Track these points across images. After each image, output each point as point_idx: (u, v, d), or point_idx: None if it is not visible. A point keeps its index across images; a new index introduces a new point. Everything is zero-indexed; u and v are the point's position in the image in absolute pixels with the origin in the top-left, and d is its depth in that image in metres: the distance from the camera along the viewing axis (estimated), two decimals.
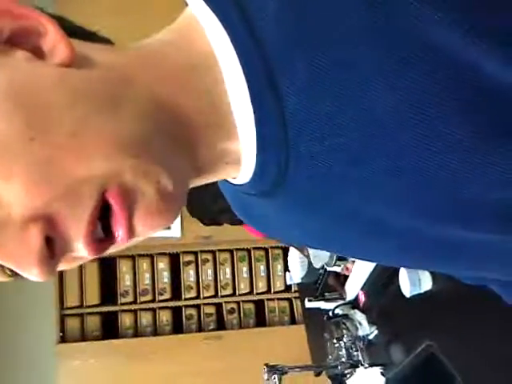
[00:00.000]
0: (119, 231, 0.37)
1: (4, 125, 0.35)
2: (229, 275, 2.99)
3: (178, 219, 2.83)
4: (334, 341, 1.55)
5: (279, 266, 2.99)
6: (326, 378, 1.61)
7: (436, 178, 0.39)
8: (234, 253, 3.00)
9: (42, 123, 0.35)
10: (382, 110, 0.37)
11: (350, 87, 0.37)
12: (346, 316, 1.66)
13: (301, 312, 2.85)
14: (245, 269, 3.00)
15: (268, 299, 3.01)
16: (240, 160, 0.45)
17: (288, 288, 2.97)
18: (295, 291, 2.90)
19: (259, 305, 3.02)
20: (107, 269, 2.87)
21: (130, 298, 2.87)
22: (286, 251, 2.55)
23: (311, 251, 1.61)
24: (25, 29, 0.39)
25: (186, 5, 0.45)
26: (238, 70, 0.40)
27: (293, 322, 3.00)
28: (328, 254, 1.46)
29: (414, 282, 1.27)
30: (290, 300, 3.02)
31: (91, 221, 0.36)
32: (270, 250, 3.01)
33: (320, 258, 1.52)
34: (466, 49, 0.34)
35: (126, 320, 2.87)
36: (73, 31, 0.41)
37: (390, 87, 0.36)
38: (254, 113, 0.41)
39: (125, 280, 2.88)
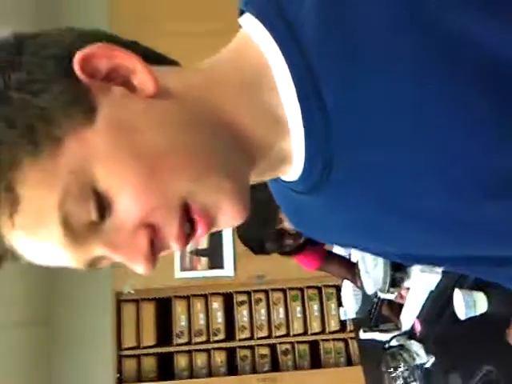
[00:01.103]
0: (199, 227, 0.47)
1: (118, 147, 0.45)
2: (282, 315, 2.97)
3: (231, 259, 2.87)
4: (391, 371, 1.52)
5: (333, 305, 2.95)
6: None
7: (466, 150, 0.42)
8: (287, 292, 2.99)
9: (142, 145, 0.45)
10: (416, 98, 0.42)
11: (379, 81, 0.42)
12: (402, 347, 1.62)
13: (357, 352, 2.79)
14: (298, 308, 2.97)
15: (323, 340, 2.96)
16: (292, 158, 0.51)
17: (343, 328, 2.92)
18: (350, 331, 2.84)
19: (314, 346, 2.97)
20: (163, 310, 2.92)
21: (185, 339, 2.89)
22: (339, 289, 2.53)
23: (364, 278, 1.61)
24: (118, 66, 0.47)
25: (240, 26, 0.51)
26: (289, 80, 0.46)
27: (349, 363, 2.92)
28: (381, 276, 1.45)
29: (468, 305, 1.25)
30: (345, 340, 2.96)
31: (179, 223, 0.46)
32: (323, 289, 2.98)
33: (373, 283, 1.51)
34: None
35: (181, 361, 2.89)
36: (145, 55, 0.48)
37: (420, 79, 0.41)
38: (302, 113, 0.47)
39: (180, 320, 2.91)
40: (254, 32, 0.48)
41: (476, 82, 0.40)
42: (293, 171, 0.52)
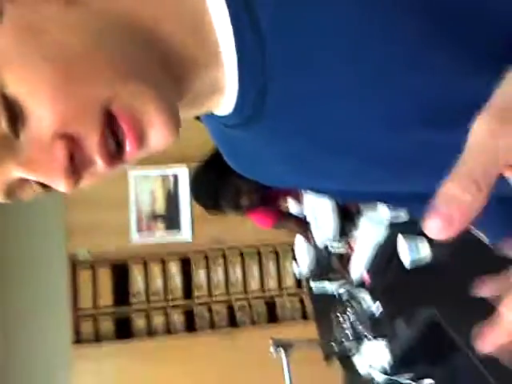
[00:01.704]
0: (127, 141, 0.42)
1: (28, 49, 0.41)
2: (239, 275, 3.02)
3: (189, 222, 2.88)
4: (340, 318, 1.58)
5: (288, 263, 3.02)
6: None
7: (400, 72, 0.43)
8: (244, 253, 3.04)
9: (52, 48, 0.41)
10: (353, 21, 0.42)
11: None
12: (351, 297, 1.69)
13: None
14: (255, 267, 3.03)
15: (278, 295, 3.03)
16: (224, 89, 0.48)
17: (299, 285, 2.99)
18: (305, 289, 2.92)
19: (270, 303, 3.04)
20: (120, 274, 2.91)
21: (142, 299, 2.91)
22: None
23: (313, 227, 1.65)
24: None
25: None
26: (221, 1, 0.44)
27: (304, 318, 3.01)
28: (330, 227, 1.50)
29: (411, 248, 1.31)
30: (300, 296, 3.04)
31: (101, 132, 0.41)
32: (278, 247, 3.03)
33: (323, 234, 1.55)
34: None
35: (139, 321, 2.91)
36: None
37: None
38: (235, 36, 0.45)
39: (137, 283, 2.92)
40: None
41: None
42: (225, 103, 0.50)
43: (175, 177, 2.89)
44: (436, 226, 0.30)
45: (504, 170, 0.31)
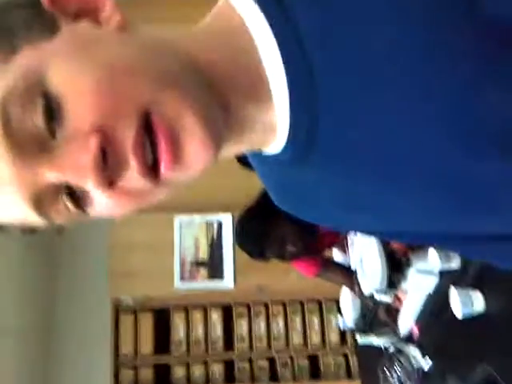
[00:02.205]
0: (162, 153, 0.40)
1: (77, 52, 0.42)
2: (282, 328, 2.95)
3: (232, 270, 2.86)
4: (387, 374, 1.50)
5: (333, 319, 2.93)
6: None
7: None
8: (287, 304, 2.97)
9: (103, 55, 0.42)
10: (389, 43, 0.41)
11: (370, 40, 0.42)
12: (399, 351, 1.61)
13: (357, 366, 2.75)
14: (298, 320, 2.95)
15: (322, 353, 2.93)
16: (275, 126, 0.48)
17: (343, 341, 2.89)
18: (351, 345, 2.81)
19: (313, 359, 2.94)
20: (162, 320, 2.90)
21: (183, 349, 2.87)
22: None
23: (360, 276, 1.60)
24: (88, 6, 0.46)
25: None
26: (271, 37, 0.44)
27: (349, 376, 2.89)
28: (378, 277, 1.44)
29: (465, 303, 1.24)
30: (345, 354, 2.92)
31: (137, 130, 0.40)
32: (323, 302, 2.96)
33: (370, 283, 1.50)
34: None
35: (178, 371, 2.86)
36: None
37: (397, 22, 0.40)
38: (287, 75, 0.44)
39: (178, 331, 2.89)
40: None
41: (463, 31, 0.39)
42: (276, 140, 0.50)
43: (219, 224, 2.90)
44: None
45: None
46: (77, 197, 0.43)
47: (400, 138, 0.45)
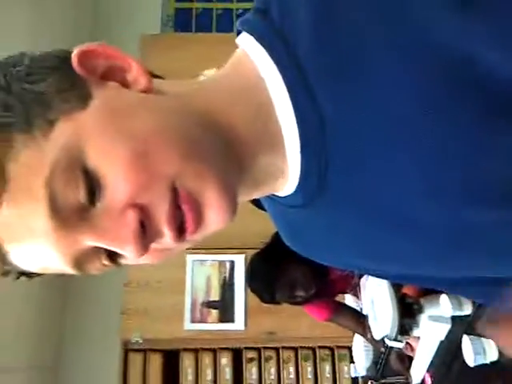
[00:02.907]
0: (187, 220, 0.46)
1: (109, 127, 0.46)
2: (292, 375, 2.88)
3: (243, 313, 2.83)
4: None
5: (345, 367, 2.85)
6: None
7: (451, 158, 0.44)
8: (299, 351, 2.91)
9: (133, 127, 0.46)
10: (409, 111, 0.43)
11: (375, 97, 0.44)
12: None
13: None
14: (309, 368, 2.88)
15: None
16: (287, 173, 0.51)
17: None
18: None
19: None
20: (171, 362, 2.85)
21: None
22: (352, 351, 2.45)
23: (372, 324, 1.57)
24: (115, 66, 0.50)
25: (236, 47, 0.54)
26: (284, 94, 0.48)
27: None
28: (389, 323, 1.42)
29: (477, 351, 1.21)
30: None
31: (169, 205, 0.45)
32: (335, 349, 2.89)
33: (381, 329, 1.47)
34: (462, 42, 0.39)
35: None
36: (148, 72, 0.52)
37: (416, 92, 0.42)
38: (298, 124, 0.48)
39: (187, 374, 2.84)
40: (249, 49, 0.50)
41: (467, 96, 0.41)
42: (288, 185, 0.52)
43: (232, 263, 2.89)
44: None
45: None
46: (113, 253, 0.47)
47: (403, 191, 0.47)
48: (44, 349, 2.87)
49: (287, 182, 0.52)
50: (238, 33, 0.53)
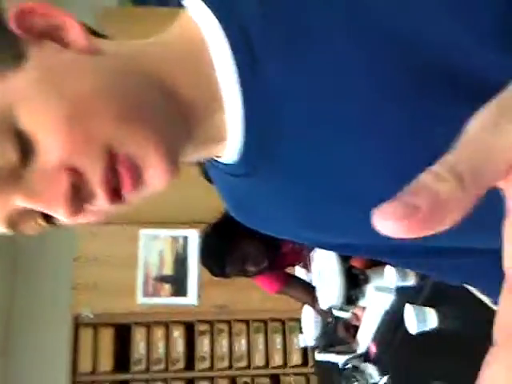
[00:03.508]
0: (124, 184, 0.45)
1: (44, 87, 0.44)
2: (244, 347, 2.93)
3: (196, 287, 2.84)
4: None
5: (295, 339, 2.92)
6: None
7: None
8: (250, 323, 2.96)
9: (68, 89, 0.45)
10: (359, 80, 0.44)
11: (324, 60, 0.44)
12: (356, 369, 1.62)
13: None
14: (261, 340, 2.94)
15: (284, 374, 2.92)
16: (226, 136, 0.51)
17: (305, 362, 2.89)
18: (311, 366, 2.81)
19: (275, 379, 2.92)
20: (122, 336, 2.85)
21: (142, 367, 2.82)
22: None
23: (319, 293, 1.61)
24: (53, 25, 0.48)
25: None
26: (228, 56, 0.47)
27: None
28: (335, 293, 1.46)
29: (419, 319, 1.27)
30: (306, 375, 2.92)
31: (104, 169, 0.44)
32: (286, 322, 2.96)
33: (327, 299, 1.51)
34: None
35: None
36: (87, 28, 0.50)
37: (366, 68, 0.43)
38: (241, 89, 0.47)
39: (139, 348, 2.85)
40: (194, 11, 0.50)
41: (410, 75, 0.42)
42: (229, 152, 0.52)
43: (185, 239, 2.89)
44: (394, 216, 0.20)
45: (500, 175, 0.21)
46: (47, 215, 0.46)
47: (345, 161, 0.48)
48: None
49: (227, 148, 0.52)
50: None
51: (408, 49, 0.41)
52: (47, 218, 0.47)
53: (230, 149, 0.51)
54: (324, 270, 1.56)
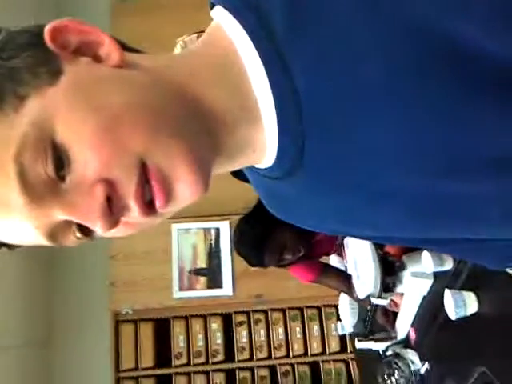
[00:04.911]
0: (156, 197, 0.46)
1: (78, 102, 0.45)
2: (282, 336, 2.94)
3: (230, 279, 2.86)
4: (387, 382, 1.50)
5: (333, 326, 2.92)
6: None
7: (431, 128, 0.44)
8: (287, 312, 2.96)
9: (102, 103, 0.46)
10: (378, 77, 0.43)
11: (347, 60, 0.44)
12: (397, 355, 1.61)
13: (358, 375, 2.74)
14: (298, 329, 2.94)
15: (323, 361, 2.92)
16: (265, 146, 0.52)
17: (344, 348, 2.88)
18: (351, 352, 2.80)
19: (314, 367, 2.93)
20: (162, 330, 2.89)
21: (183, 360, 2.86)
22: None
23: (356, 283, 1.60)
24: (87, 41, 0.49)
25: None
26: (259, 67, 0.47)
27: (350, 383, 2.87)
28: (372, 281, 1.45)
29: (458, 304, 1.24)
30: (346, 361, 2.91)
31: (137, 182, 0.45)
32: (323, 309, 2.95)
33: (365, 288, 1.50)
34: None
35: (180, 383, 2.85)
36: (121, 45, 0.52)
37: (384, 59, 0.42)
38: (274, 99, 0.48)
39: (179, 341, 2.88)
40: (224, 23, 0.50)
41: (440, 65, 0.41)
42: (266, 158, 0.53)
43: (217, 230, 2.90)
44: None
45: None
46: (84, 227, 0.47)
47: (378, 164, 0.48)
48: (35, 325, 2.89)
49: (265, 155, 0.53)
50: (212, 5, 0.52)
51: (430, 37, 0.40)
52: (83, 230, 0.48)
53: (266, 157, 0.52)
54: (359, 259, 1.54)
